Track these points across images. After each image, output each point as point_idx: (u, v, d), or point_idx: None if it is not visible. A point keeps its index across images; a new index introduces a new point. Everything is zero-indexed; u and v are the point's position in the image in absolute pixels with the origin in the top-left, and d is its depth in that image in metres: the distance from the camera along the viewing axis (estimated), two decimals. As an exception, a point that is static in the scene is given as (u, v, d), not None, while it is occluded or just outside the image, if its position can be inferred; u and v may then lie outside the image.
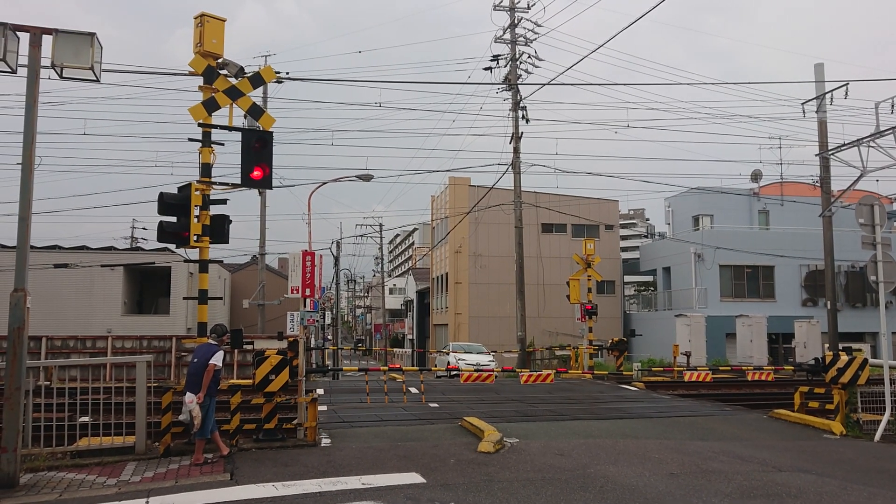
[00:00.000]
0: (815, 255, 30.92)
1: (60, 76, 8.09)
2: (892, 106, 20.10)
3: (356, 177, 27.12)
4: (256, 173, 9.68)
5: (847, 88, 22.54)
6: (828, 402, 12.58)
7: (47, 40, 7.94)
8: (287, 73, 22.36)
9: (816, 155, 24.08)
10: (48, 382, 15.42)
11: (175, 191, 9.73)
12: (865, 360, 12.04)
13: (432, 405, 14.38)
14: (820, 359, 12.84)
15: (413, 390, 16.04)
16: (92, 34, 7.98)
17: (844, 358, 11.99)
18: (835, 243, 23.95)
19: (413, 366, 40.52)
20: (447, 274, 42.61)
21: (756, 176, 39.96)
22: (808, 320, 29.28)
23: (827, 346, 23.45)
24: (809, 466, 8.71)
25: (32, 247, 8.45)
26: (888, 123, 19.53)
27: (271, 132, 10.02)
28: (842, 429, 11.66)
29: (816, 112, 23.68)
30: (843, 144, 22.01)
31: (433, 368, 24.90)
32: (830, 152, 23.13)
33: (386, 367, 16.71)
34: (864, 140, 20.17)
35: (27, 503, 6.86)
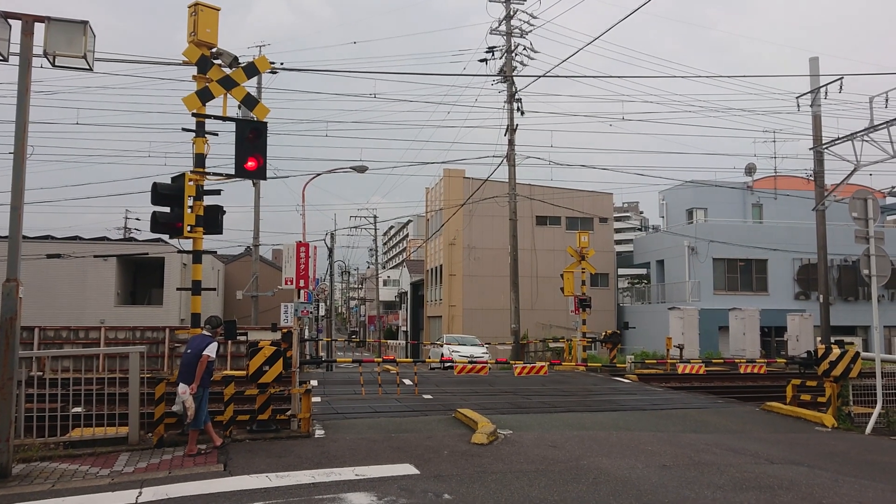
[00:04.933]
0: (808, 248, 31.04)
1: (53, 65, 8.02)
2: (886, 100, 20.10)
3: (351, 168, 27.07)
4: (251, 164, 9.62)
5: (841, 83, 22.55)
6: (820, 394, 12.64)
7: (40, 28, 7.86)
8: (282, 64, 22.25)
9: (810, 149, 24.11)
10: (41, 373, 15.34)
11: (169, 181, 9.68)
12: (857, 354, 12.09)
13: (426, 397, 14.40)
14: (812, 352, 12.92)
15: (407, 382, 16.07)
16: (84, 22, 7.91)
17: (836, 351, 12.04)
18: (828, 237, 24.01)
19: (407, 357, 40.54)
20: (441, 266, 42.60)
21: (750, 169, 40.03)
22: (801, 314, 29.42)
23: (819, 339, 23.56)
24: (801, 459, 8.76)
25: (25, 237, 8.39)
26: (882, 118, 19.51)
27: (266, 122, 9.95)
28: (833, 421, 11.72)
29: (811, 106, 23.69)
30: (837, 138, 22.02)
31: (427, 360, 24.90)
32: (824, 146, 23.15)
33: (380, 359, 16.73)
34: (858, 134, 20.18)
35: (20, 493, 6.84)
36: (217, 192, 9.99)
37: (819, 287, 25.17)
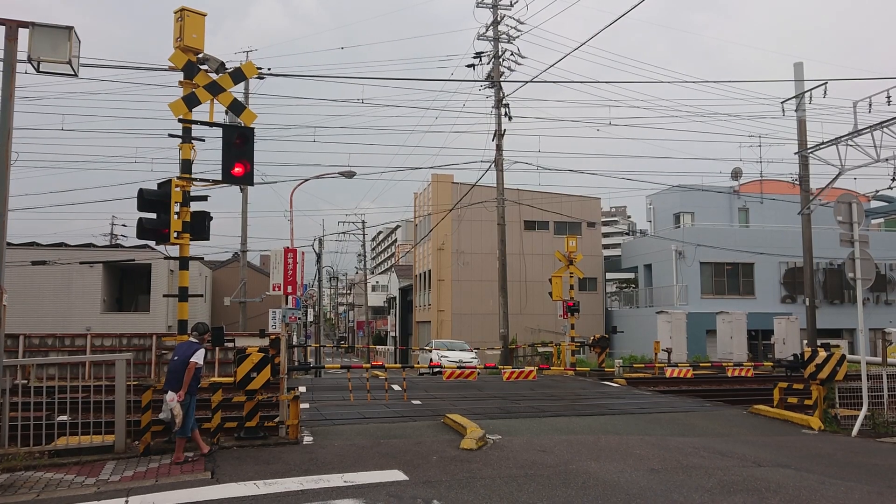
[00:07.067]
0: (794, 252, 31.27)
1: (37, 70, 7.97)
2: (870, 105, 20.34)
3: (339, 173, 27.04)
4: (238, 169, 9.59)
5: (826, 87, 22.83)
6: (806, 397, 12.72)
7: (24, 34, 7.81)
8: (269, 69, 22.21)
9: (795, 153, 24.32)
10: (26, 381, 15.22)
11: (155, 187, 9.63)
12: (843, 356, 12.18)
13: (415, 402, 14.37)
14: (798, 355, 12.99)
15: (396, 387, 16.01)
16: (69, 28, 7.87)
17: (822, 354, 12.12)
18: (813, 241, 24.22)
19: (396, 363, 40.42)
20: (430, 271, 42.58)
21: (736, 174, 40.36)
22: (787, 317, 29.61)
23: (805, 342, 23.74)
24: (788, 461, 8.80)
25: (9, 243, 8.33)
26: (866, 122, 19.74)
27: (253, 128, 9.92)
28: (820, 424, 11.80)
29: (796, 111, 23.92)
30: (822, 143, 22.25)
31: (416, 365, 24.90)
32: (809, 151, 23.36)
33: (368, 365, 16.67)
34: (843, 139, 20.38)
35: (4, 503, 6.77)
36: (204, 198, 9.94)
37: (805, 290, 25.37)
